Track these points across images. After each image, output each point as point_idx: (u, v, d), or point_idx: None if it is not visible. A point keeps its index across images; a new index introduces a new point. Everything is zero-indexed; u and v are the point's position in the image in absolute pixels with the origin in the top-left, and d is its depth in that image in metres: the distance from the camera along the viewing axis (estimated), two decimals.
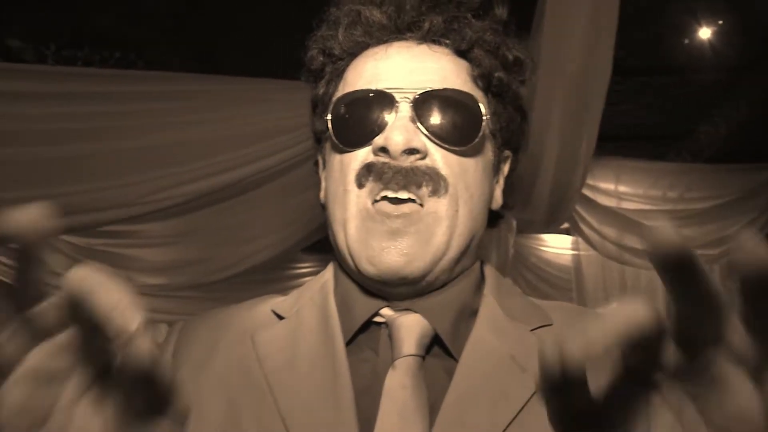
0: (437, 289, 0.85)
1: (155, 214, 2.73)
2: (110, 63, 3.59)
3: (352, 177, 0.83)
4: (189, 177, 2.67)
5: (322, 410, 0.76)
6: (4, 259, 3.93)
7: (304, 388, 0.78)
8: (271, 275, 4.59)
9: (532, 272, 5.10)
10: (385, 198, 0.81)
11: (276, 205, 2.99)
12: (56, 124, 2.61)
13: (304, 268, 5.29)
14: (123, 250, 3.69)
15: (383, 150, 0.81)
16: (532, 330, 0.84)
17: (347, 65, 0.90)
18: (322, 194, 0.92)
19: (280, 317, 0.88)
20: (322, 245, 3.83)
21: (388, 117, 0.82)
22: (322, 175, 0.93)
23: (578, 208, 3.64)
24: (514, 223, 3.41)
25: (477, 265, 0.91)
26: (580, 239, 4.28)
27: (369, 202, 0.81)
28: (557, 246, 5.07)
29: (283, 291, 0.97)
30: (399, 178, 0.80)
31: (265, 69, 2.72)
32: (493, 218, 0.94)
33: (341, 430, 0.74)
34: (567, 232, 4.48)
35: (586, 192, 3.46)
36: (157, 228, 3.27)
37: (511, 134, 0.93)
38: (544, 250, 5.10)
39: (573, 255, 5.04)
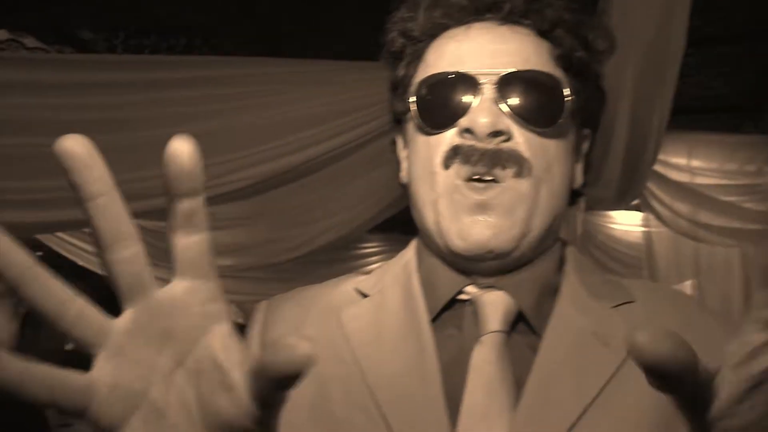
0: (521, 266, 0.87)
1: (223, 196, 2.78)
2: (177, 50, 3.66)
3: (438, 159, 0.84)
4: (256, 159, 2.71)
5: (410, 384, 0.79)
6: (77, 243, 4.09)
7: (390, 362, 0.82)
8: (337, 255, 4.65)
9: (600, 250, 5.00)
10: (470, 179, 0.83)
11: (342, 186, 3.01)
12: (126, 112, 2.69)
13: (370, 248, 5.33)
14: None
15: (468, 132, 0.83)
16: (613, 307, 0.85)
17: (427, 47, 0.91)
18: (403, 174, 0.94)
19: (364, 295, 0.91)
20: (387, 225, 3.84)
21: (472, 99, 0.83)
22: (402, 154, 0.95)
23: (649, 184, 3.53)
24: (583, 200, 3.34)
25: (558, 244, 0.93)
26: (651, 216, 4.17)
27: (456, 182, 0.83)
28: (626, 223, 4.95)
29: (349, 271, 1.00)
30: (485, 160, 0.82)
31: (330, 51, 2.72)
32: (572, 196, 0.94)
33: (429, 403, 0.78)
34: (637, 208, 4.36)
35: (657, 167, 3.35)
36: (225, 210, 3.34)
37: (591, 114, 0.93)
38: (612, 228, 4.99)
39: (643, 232, 4.91)
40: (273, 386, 0.45)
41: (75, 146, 0.44)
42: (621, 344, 0.80)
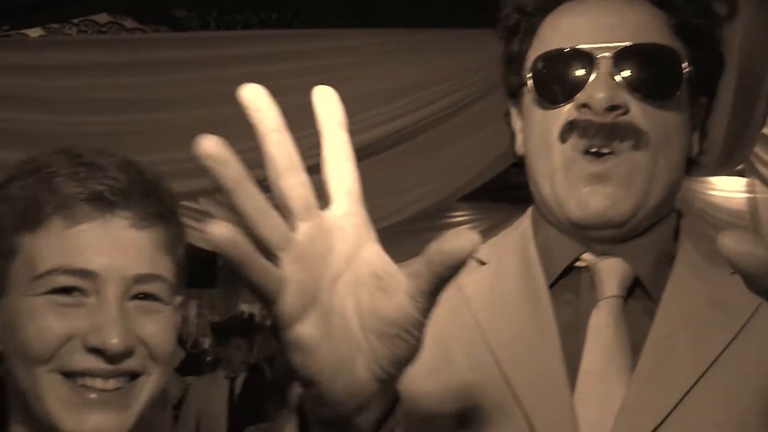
0: (638, 234, 0.87)
1: (314, 168, 2.83)
2: (268, 24, 3.73)
3: (555, 134, 0.86)
4: (353, 129, 2.74)
5: (529, 346, 0.83)
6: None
7: (510, 326, 0.85)
8: (426, 224, 4.65)
9: (698, 217, 4.80)
10: (587, 152, 0.84)
11: (431, 156, 3.01)
12: (220, 86, 2.77)
13: (459, 216, 5.31)
14: None
15: (585, 106, 0.83)
16: (732, 273, 0.84)
17: (541, 21, 0.91)
18: (518, 147, 0.96)
19: (482, 263, 0.93)
20: (475, 193, 3.81)
21: (589, 74, 0.84)
22: (516, 127, 0.97)
23: (756, 147, 3.34)
24: None
25: (674, 213, 0.93)
26: (756, 181, 3.95)
27: (573, 155, 0.84)
28: (728, 189, 4.72)
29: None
30: (602, 134, 0.82)
31: (420, 20, 2.71)
32: (688, 164, 0.94)
33: (548, 363, 0.81)
34: (739, 173, 4.15)
35: (766, 130, 3.17)
36: (315, 181, 3.39)
37: (709, 82, 0.92)
38: (711, 194, 4.77)
39: (747, 198, 4.67)
40: (436, 278, 0.50)
41: (252, 94, 0.53)
42: (740, 311, 0.81)
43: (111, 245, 0.76)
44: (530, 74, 0.88)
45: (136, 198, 0.79)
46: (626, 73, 0.83)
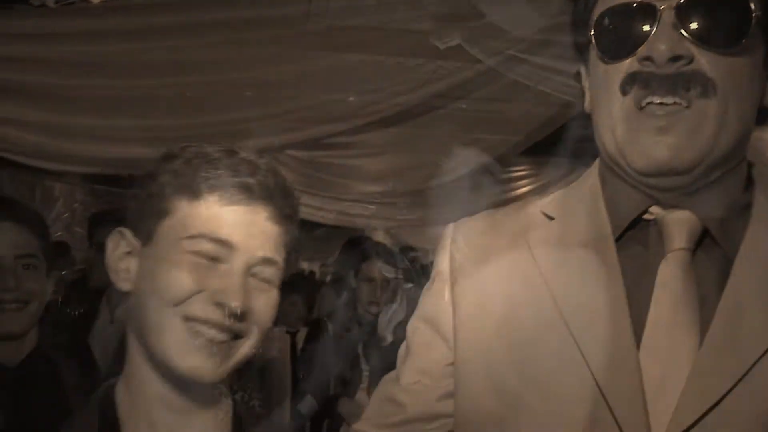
0: (706, 185, 0.86)
1: (372, 125, 2.84)
2: None
3: (616, 86, 0.85)
4: (404, 88, 2.73)
5: (596, 300, 0.84)
6: None
7: (578, 283, 0.87)
8: (487, 179, 4.62)
9: None
10: (650, 104, 0.83)
11: (491, 110, 2.98)
12: (276, 48, 2.78)
13: (519, 171, 5.26)
14: (343, 160, 3.92)
15: (647, 59, 0.82)
16: None
17: None
18: (586, 103, 0.96)
19: (550, 218, 0.95)
20: (536, 149, 3.76)
21: (651, 26, 0.83)
22: (585, 85, 0.96)
23: None
24: None
25: (744, 162, 0.90)
26: None
27: (635, 107, 0.84)
28: None
29: (498, 194, 1.01)
30: (665, 85, 0.81)
31: None
32: (760, 114, 0.90)
33: (614, 317, 0.82)
34: None
35: None
36: (375, 138, 3.41)
37: None
38: None
39: None
40: None
41: None
42: None
43: (250, 228, 0.92)
44: (593, 30, 0.88)
45: (277, 198, 0.94)
46: (690, 23, 0.81)
